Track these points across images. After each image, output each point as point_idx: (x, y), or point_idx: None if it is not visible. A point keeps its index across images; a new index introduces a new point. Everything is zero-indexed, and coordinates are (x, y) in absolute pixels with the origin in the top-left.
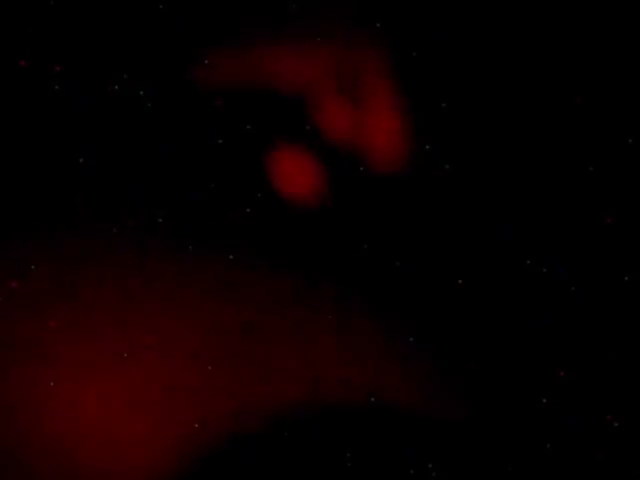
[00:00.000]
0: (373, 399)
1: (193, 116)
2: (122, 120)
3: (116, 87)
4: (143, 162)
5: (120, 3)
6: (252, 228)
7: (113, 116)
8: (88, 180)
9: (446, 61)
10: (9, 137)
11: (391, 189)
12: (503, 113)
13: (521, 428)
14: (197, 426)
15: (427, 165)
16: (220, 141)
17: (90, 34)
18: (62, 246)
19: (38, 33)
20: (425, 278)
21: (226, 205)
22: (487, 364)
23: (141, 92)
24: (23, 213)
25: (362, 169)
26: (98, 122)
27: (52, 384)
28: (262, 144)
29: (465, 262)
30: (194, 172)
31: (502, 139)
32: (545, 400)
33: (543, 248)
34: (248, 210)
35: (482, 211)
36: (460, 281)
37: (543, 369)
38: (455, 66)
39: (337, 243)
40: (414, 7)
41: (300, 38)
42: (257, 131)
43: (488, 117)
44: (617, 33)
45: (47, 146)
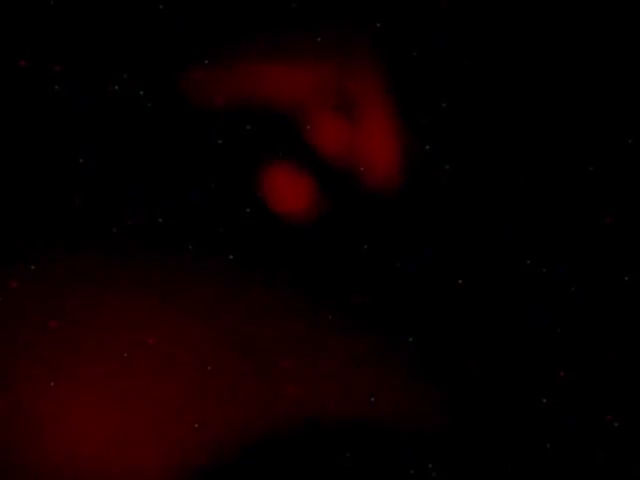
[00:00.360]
0: (373, 399)
1: (193, 116)
2: (122, 120)
3: (116, 87)
4: (143, 162)
5: (120, 3)
6: (252, 228)
7: (113, 116)
8: (88, 180)
9: (446, 61)
10: (9, 137)
11: (391, 189)
12: (503, 113)
13: (521, 428)
14: (197, 426)
15: (427, 165)
16: (220, 141)
17: (90, 34)
18: (62, 246)
19: (38, 33)
20: (425, 278)
21: (226, 205)
22: (487, 364)
23: (141, 92)
24: (23, 213)
25: (362, 169)
26: (98, 122)
27: (52, 384)
28: (261, 150)
29: (465, 262)
30: (194, 172)
31: (502, 139)
32: (545, 400)
33: (543, 248)
34: (248, 210)
35: (482, 211)
36: (460, 281)
37: (543, 369)
38: (455, 66)
39: (337, 243)
40: (414, 7)
41: (296, 50)
42: (255, 138)
43: (488, 117)
44: (617, 33)
45: (47, 146)
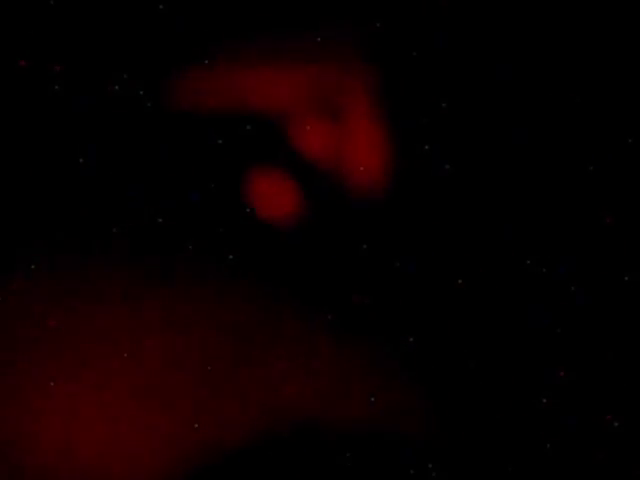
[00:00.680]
0: (373, 399)
1: (193, 116)
2: (122, 120)
3: (116, 87)
4: (143, 162)
5: (120, 3)
6: (252, 228)
7: (113, 116)
8: (88, 180)
9: (446, 61)
10: (9, 137)
11: (391, 189)
12: (503, 113)
13: (521, 428)
14: (197, 426)
15: (427, 165)
16: (220, 141)
17: (90, 34)
18: (62, 246)
19: (38, 33)
20: (425, 278)
21: (226, 205)
22: (487, 364)
23: (141, 92)
24: (23, 213)
25: (362, 169)
26: (98, 122)
27: (52, 384)
28: (257, 152)
29: (465, 262)
30: (194, 172)
31: (502, 139)
32: (545, 400)
33: (543, 248)
34: (248, 210)
35: (482, 211)
36: (460, 281)
37: (543, 369)
38: (455, 66)
39: (337, 243)
40: (414, 7)
41: (293, 52)
42: (251, 140)
43: (488, 117)
44: (617, 33)
45: (47, 146)
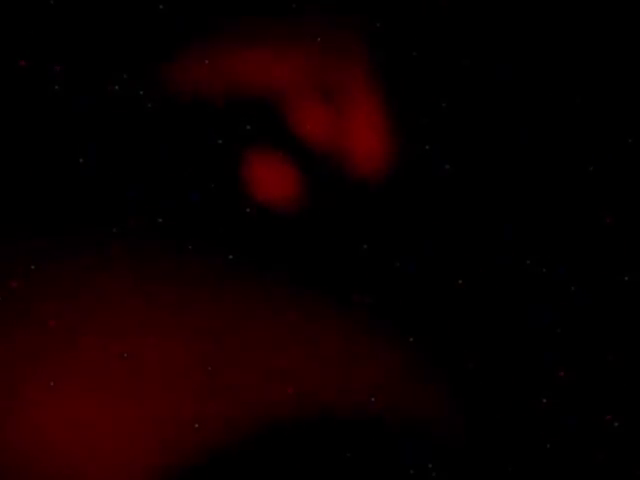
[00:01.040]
0: (373, 399)
1: (193, 116)
2: (122, 120)
3: (116, 87)
4: (143, 162)
5: (120, 3)
6: (252, 228)
7: (113, 116)
8: (88, 180)
9: (446, 62)
10: (9, 137)
11: (391, 189)
12: (503, 113)
13: (521, 428)
14: (197, 426)
15: (427, 165)
16: (220, 141)
17: (90, 34)
18: (62, 246)
19: (38, 33)
20: (425, 278)
21: (226, 205)
22: (487, 364)
23: (141, 92)
24: (23, 213)
25: (362, 155)
26: (98, 122)
27: (52, 384)
28: (257, 145)
29: (465, 262)
30: (194, 172)
31: (502, 139)
32: (545, 400)
33: (543, 248)
34: (248, 210)
35: (482, 211)
36: (460, 281)
37: (543, 369)
38: (455, 66)
39: (337, 243)
40: (414, 7)
41: (289, 40)
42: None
43: (488, 117)
44: (617, 33)
45: (47, 146)
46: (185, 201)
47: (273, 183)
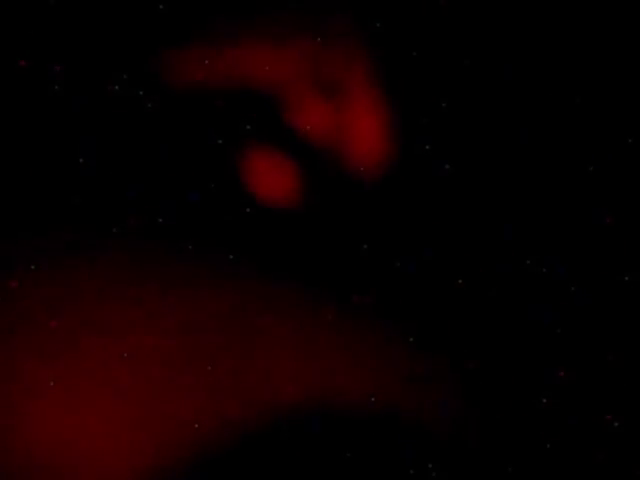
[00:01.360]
0: (373, 399)
1: (193, 116)
2: (122, 120)
3: (116, 87)
4: (143, 162)
5: (120, 3)
6: (252, 228)
7: (113, 116)
8: (88, 180)
9: (446, 62)
10: (9, 137)
11: (391, 189)
12: (503, 113)
13: (521, 428)
14: (197, 426)
15: (427, 165)
16: (220, 141)
17: (90, 34)
18: (62, 246)
19: (38, 33)
20: (425, 278)
21: (226, 205)
22: (487, 364)
23: (141, 92)
24: (23, 213)
25: (362, 169)
26: (98, 122)
27: (52, 384)
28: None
29: (465, 262)
30: (194, 172)
31: (502, 139)
32: (545, 400)
33: (543, 248)
34: (248, 210)
35: (482, 211)
36: (460, 281)
37: (543, 369)
38: (455, 66)
39: (337, 243)
40: (414, 7)
41: (289, 40)
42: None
43: (488, 117)
44: (617, 33)
45: (47, 146)
46: (185, 201)
47: (273, 183)
